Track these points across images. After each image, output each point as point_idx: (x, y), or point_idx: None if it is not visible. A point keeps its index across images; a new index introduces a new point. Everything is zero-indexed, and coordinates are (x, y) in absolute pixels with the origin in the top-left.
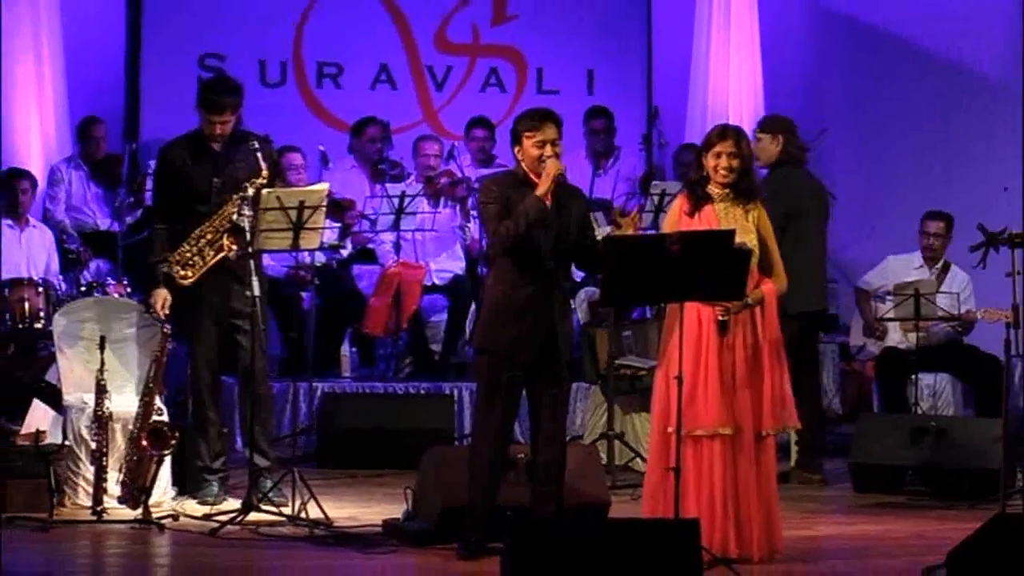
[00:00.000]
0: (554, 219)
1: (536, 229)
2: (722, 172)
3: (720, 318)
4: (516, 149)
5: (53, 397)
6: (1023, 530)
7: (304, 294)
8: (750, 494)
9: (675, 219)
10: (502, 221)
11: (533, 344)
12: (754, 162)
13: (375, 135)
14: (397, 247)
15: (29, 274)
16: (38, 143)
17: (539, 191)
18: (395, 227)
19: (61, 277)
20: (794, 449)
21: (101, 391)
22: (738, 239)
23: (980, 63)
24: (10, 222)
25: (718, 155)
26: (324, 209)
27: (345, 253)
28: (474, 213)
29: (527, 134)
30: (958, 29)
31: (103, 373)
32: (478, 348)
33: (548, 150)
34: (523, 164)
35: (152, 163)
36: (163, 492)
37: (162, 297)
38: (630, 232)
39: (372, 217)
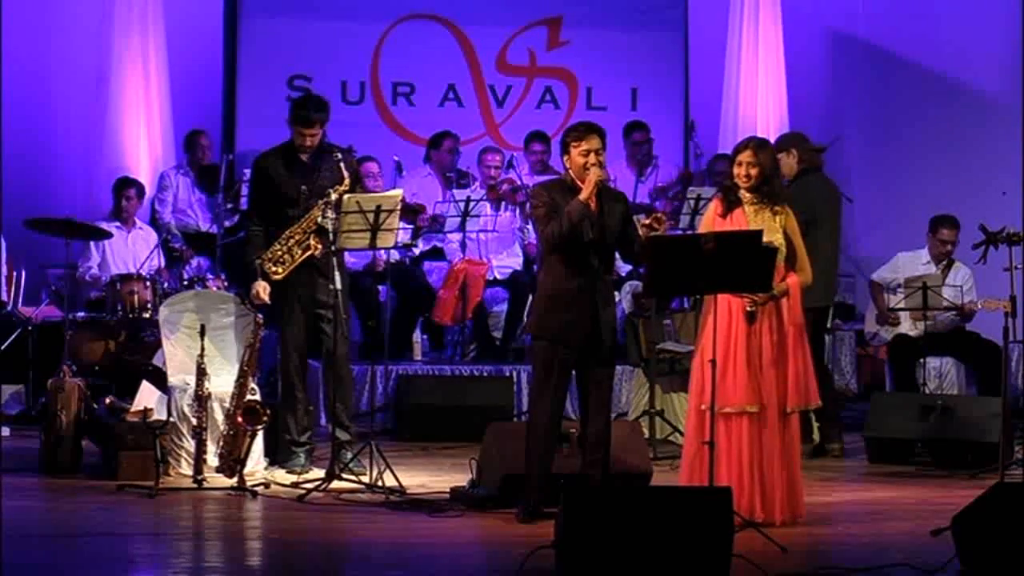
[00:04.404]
0: (597, 220)
1: (580, 228)
2: (742, 178)
3: (748, 309)
4: (565, 158)
5: (159, 379)
6: (1020, 497)
7: (381, 287)
8: (774, 464)
9: (710, 221)
10: (550, 222)
11: (579, 330)
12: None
13: (451, 147)
14: (463, 246)
15: (136, 270)
16: (145, 152)
17: (582, 196)
18: (461, 228)
19: (166, 272)
20: (816, 427)
21: (201, 373)
22: (765, 239)
23: (981, 82)
24: (118, 224)
25: (739, 164)
26: (398, 212)
27: (417, 251)
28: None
29: (574, 144)
30: (961, 52)
31: (203, 357)
32: (533, 334)
33: (592, 159)
34: (570, 171)
35: (247, 172)
36: (256, 463)
37: (262, 287)
38: (662, 230)
39: (442, 219)
